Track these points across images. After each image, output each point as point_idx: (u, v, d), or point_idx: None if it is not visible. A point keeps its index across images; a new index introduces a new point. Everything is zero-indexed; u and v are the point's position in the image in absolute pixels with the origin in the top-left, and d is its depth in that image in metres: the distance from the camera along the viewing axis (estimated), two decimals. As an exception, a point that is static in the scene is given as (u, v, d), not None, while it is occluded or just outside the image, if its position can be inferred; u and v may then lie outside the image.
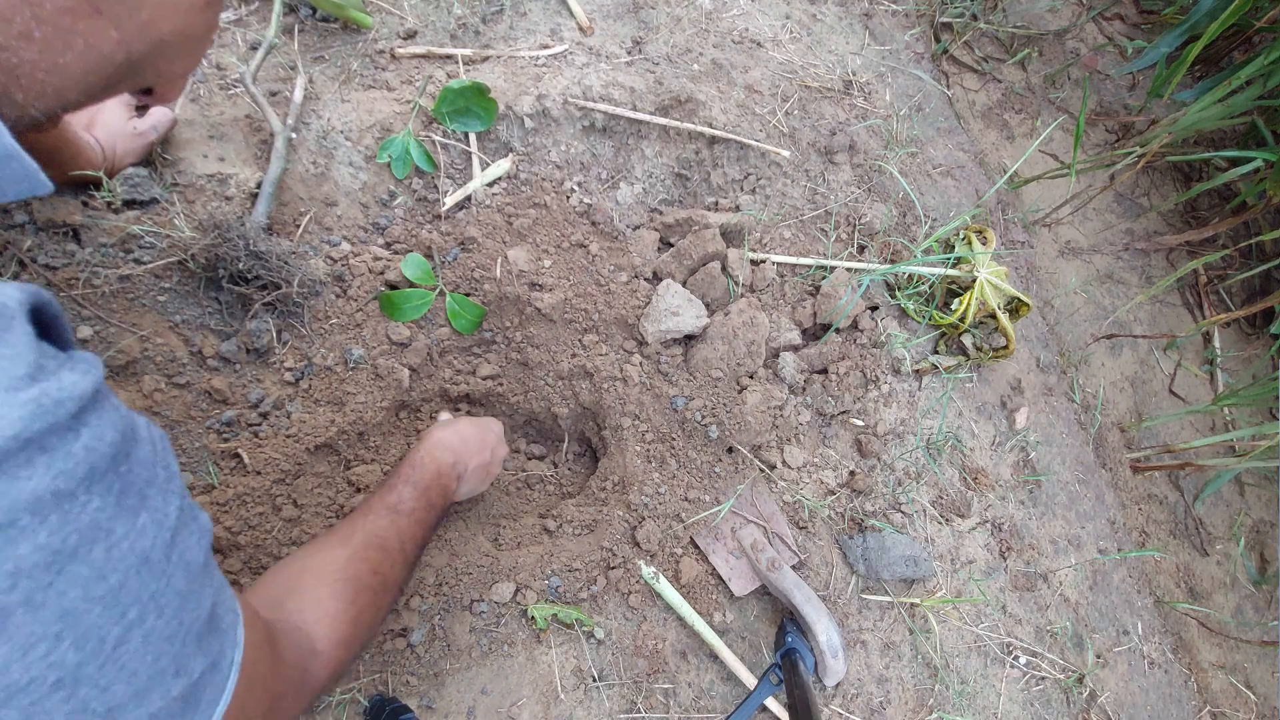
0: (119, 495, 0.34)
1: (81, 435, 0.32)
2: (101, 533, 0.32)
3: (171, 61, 0.46)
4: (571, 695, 0.94)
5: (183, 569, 0.38)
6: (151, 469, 0.37)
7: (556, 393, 1.11)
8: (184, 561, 0.38)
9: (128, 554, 0.34)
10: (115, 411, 0.35)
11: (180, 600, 0.37)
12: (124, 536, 0.34)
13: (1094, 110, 1.86)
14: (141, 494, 0.35)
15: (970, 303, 1.24)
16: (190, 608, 0.38)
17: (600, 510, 1.05)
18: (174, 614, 0.37)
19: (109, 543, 0.33)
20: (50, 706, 0.31)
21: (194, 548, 0.39)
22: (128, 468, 0.35)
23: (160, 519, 0.36)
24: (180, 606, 0.37)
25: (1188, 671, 1.37)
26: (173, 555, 0.37)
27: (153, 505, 0.36)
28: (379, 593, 0.70)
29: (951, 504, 1.22)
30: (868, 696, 1.05)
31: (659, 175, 1.25)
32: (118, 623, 0.33)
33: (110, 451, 0.34)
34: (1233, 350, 1.76)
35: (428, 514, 0.81)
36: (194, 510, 0.41)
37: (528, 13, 1.28)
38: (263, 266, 0.89)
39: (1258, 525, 1.60)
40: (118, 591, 0.33)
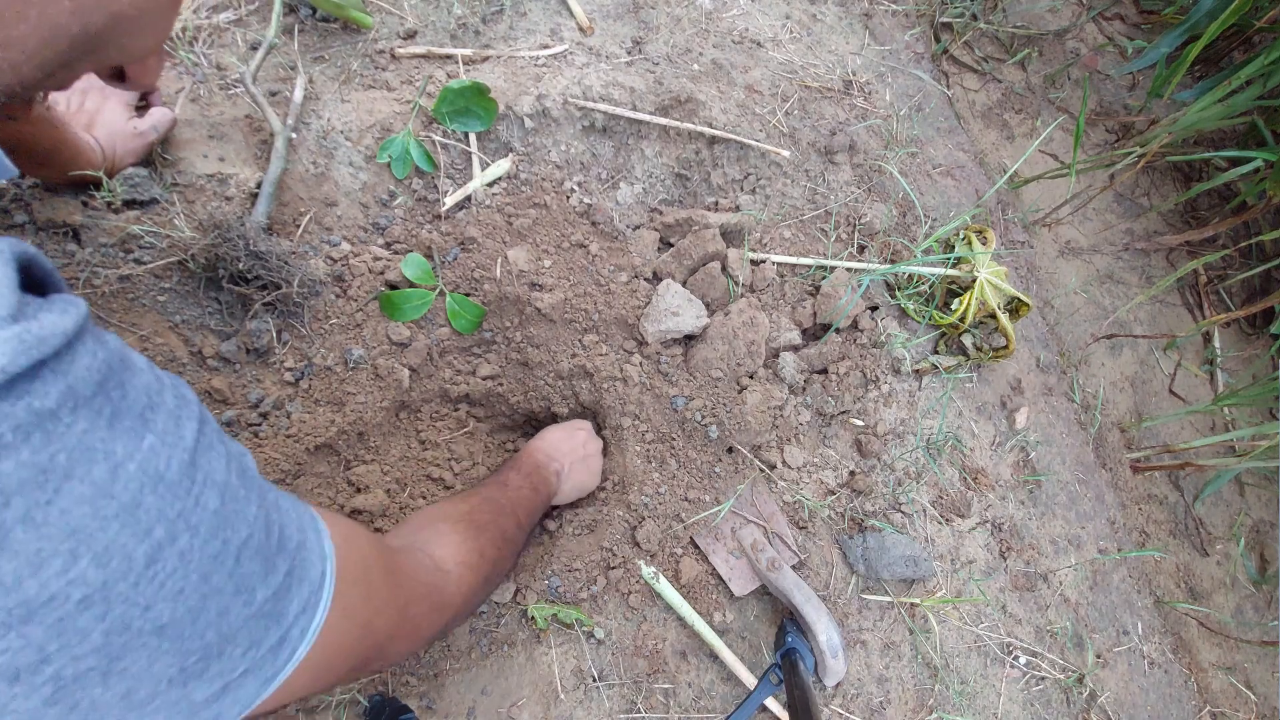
0: (111, 418, 0.33)
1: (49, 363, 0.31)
2: (98, 453, 0.32)
3: (132, 36, 0.44)
4: (571, 695, 0.94)
5: (213, 489, 0.37)
6: (154, 395, 0.36)
7: (556, 393, 1.11)
8: (213, 482, 0.37)
9: (137, 473, 0.33)
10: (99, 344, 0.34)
11: (218, 520, 0.36)
12: (128, 457, 0.33)
13: (1094, 110, 1.86)
14: (143, 418, 0.35)
15: (970, 303, 1.24)
16: (236, 526, 0.37)
17: (600, 510, 1.05)
18: (213, 532, 0.36)
19: (111, 463, 0.32)
20: (83, 624, 0.30)
21: (222, 470, 0.38)
22: (120, 393, 0.34)
23: (173, 441, 0.35)
24: (221, 525, 0.36)
25: (1188, 671, 1.37)
26: (196, 475, 0.36)
27: (159, 428, 0.35)
28: (497, 539, 0.79)
29: (951, 504, 1.22)
30: (868, 696, 1.05)
31: (659, 175, 1.25)
32: (143, 540, 0.32)
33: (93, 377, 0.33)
34: (1233, 350, 1.76)
35: (534, 493, 0.92)
36: (221, 437, 0.40)
37: (528, 13, 1.28)
38: (263, 266, 0.89)
39: (1258, 525, 1.60)
40: (133, 509, 0.32)
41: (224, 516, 0.37)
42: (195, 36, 1.07)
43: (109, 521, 0.31)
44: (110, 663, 0.32)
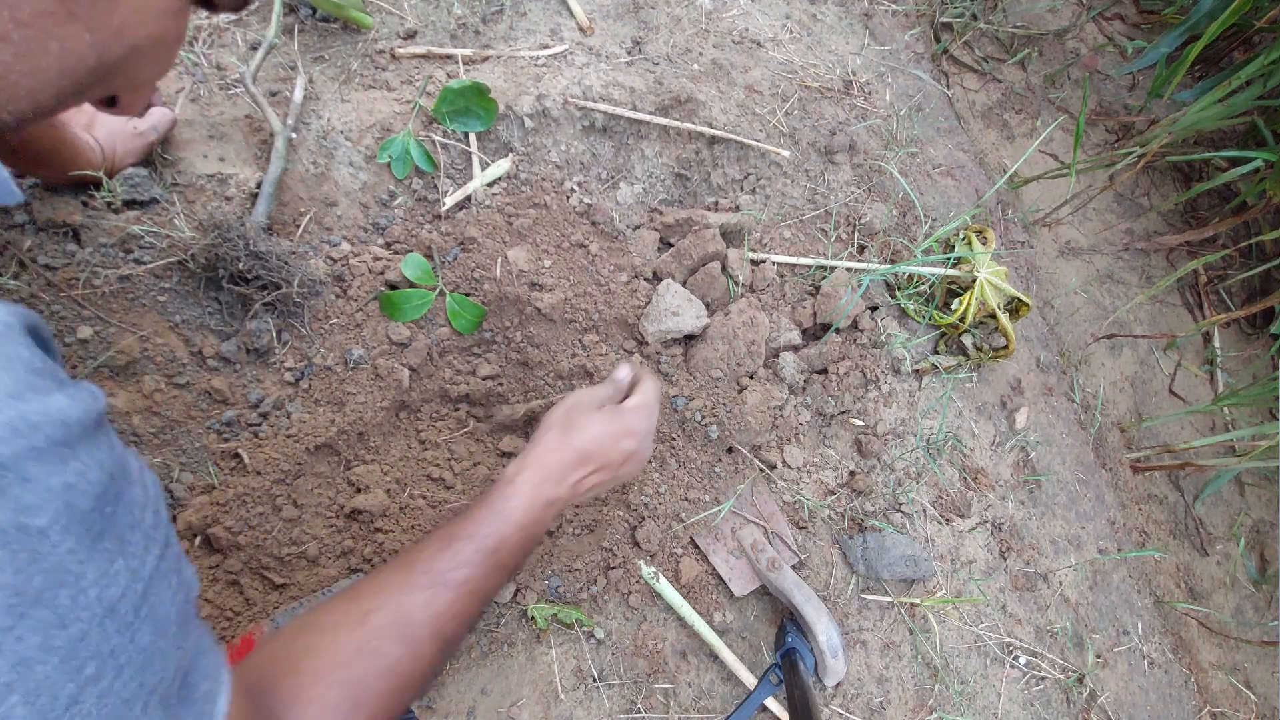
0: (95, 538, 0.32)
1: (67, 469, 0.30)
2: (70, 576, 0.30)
3: (142, 68, 0.45)
4: (571, 695, 0.94)
5: (150, 624, 0.35)
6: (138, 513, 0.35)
7: (557, 393, 1.11)
8: (154, 616, 0.35)
9: (94, 603, 0.31)
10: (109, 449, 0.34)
11: (143, 658, 0.34)
12: (93, 583, 0.31)
13: (1094, 110, 1.86)
14: (121, 538, 0.33)
15: (970, 303, 1.24)
16: (154, 668, 0.35)
17: (600, 510, 1.05)
18: (134, 674, 0.34)
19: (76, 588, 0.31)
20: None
21: (167, 602, 0.37)
22: (113, 509, 0.33)
23: (136, 567, 0.34)
24: (143, 665, 0.34)
25: (1188, 671, 1.37)
26: (143, 609, 0.34)
27: (131, 552, 0.34)
28: (389, 696, 0.56)
29: (951, 504, 1.22)
30: (868, 696, 1.05)
31: (659, 175, 1.25)
32: (73, 679, 0.31)
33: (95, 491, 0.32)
34: (1233, 350, 1.76)
35: (487, 582, 0.64)
36: (178, 562, 0.38)
37: (528, 13, 1.28)
38: (263, 266, 0.89)
39: (1258, 525, 1.60)
40: (78, 643, 0.31)
41: (149, 655, 0.35)
42: (195, 36, 1.07)
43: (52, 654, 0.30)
44: None
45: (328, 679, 0.53)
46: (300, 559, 0.90)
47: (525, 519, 0.67)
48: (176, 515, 0.85)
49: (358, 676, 0.54)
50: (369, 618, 0.57)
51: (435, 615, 0.59)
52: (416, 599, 0.59)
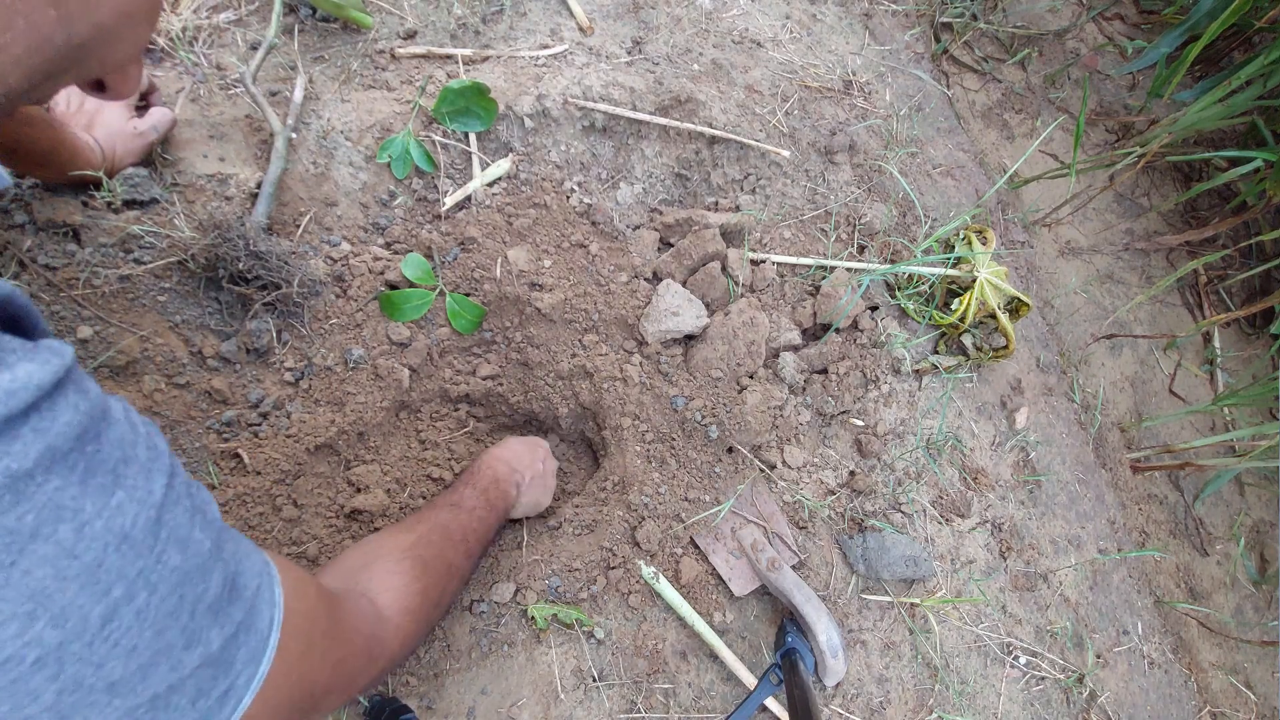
0: (84, 474, 0.33)
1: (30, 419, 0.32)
2: (67, 512, 0.32)
3: (113, 46, 0.44)
4: (571, 695, 0.94)
5: (176, 545, 0.37)
6: (128, 449, 0.36)
7: (556, 393, 1.11)
8: (177, 538, 0.37)
9: (102, 532, 0.33)
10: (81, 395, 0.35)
11: (178, 576, 0.37)
12: (96, 515, 0.33)
13: (1094, 110, 1.86)
14: (115, 473, 0.35)
15: (970, 303, 1.24)
16: (194, 581, 0.38)
17: (600, 510, 1.05)
18: (171, 589, 0.36)
19: (77, 521, 0.32)
20: (36, 684, 0.31)
21: (186, 524, 0.38)
22: (95, 448, 0.34)
23: (141, 497, 0.36)
24: (180, 582, 0.37)
25: (1188, 671, 1.37)
26: (160, 532, 0.36)
27: (130, 484, 0.35)
28: (443, 575, 0.76)
29: (951, 504, 1.22)
30: (868, 696, 1.05)
31: (659, 175, 1.25)
32: (100, 600, 0.33)
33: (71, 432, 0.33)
34: (1233, 350, 1.76)
35: (488, 513, 0.88)
36: (189, 488, 0.41)
37: (528, 13, 1.28)
38: (263, 266, 0.89)
39: (1258, 525, 1.60)
40: (95, 569, 0.33)
41: (184, 572, 0.37)
42: (195, 36, 1.07)
43: (69, 582, 0.32)
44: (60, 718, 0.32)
45: (397, 557, 0.72)
46: (300, 559, 0.90)
47: (494, 475, 0.92)
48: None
49: (419, 555, 0.74)
50: (415, 528, 0.78)
51: (461, 525, 0.83)
52: (445, 515, 0.83)
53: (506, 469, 0.94)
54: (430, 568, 0.74)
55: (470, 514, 0.85)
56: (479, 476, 0.91)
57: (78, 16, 0.40)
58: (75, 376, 0.35)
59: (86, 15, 0.40)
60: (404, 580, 0.70)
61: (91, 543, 0.33)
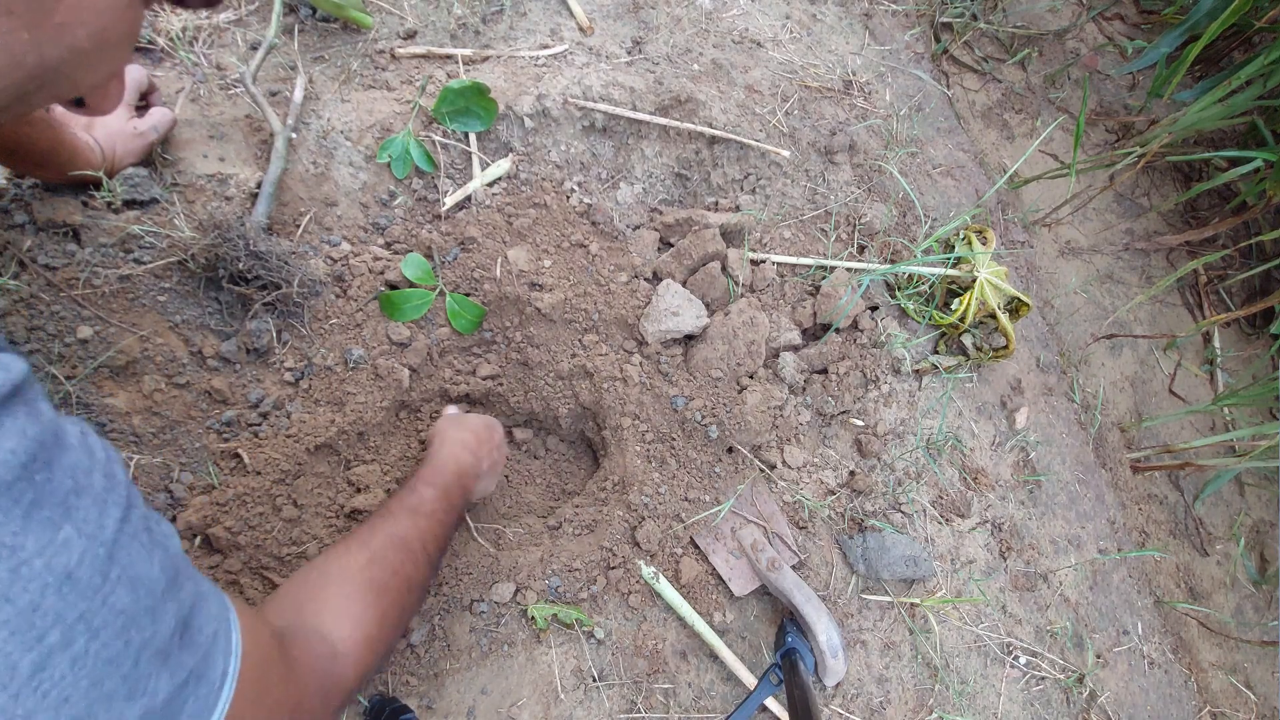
0: (29, 508, 0.31)
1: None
2: (3, 549, 0.30)
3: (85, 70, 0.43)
4: (571, 695, 0.94)
5: (127, 584, 0.35)
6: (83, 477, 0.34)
7: (556, 393, 1.11)
8: (129, 577, 0.35)
9: (42, 572, 0.31)
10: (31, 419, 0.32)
11: (125, 619, 0.34)
12: (36, 553, 0.31)
13: (1094, 110, 1.86)
14: (65, 505, 0.33)
15: (970, 303, 1.24)
16: (142, 625, 0.35)
17: (600, 510, 1.05)
18: (116, 634, 0.34)
19: (15, 561, 0.30)
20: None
21: (142, 560, 0.36)
22: (46, 476, 0.32)
23: (92, 531, 0.34)
24: (126, 625, 0.34)
25: (1188, 671, 1.37)
26: (111, 570, 0.34)
27: (80, 517, 0.33)
28: (402, 593, 0.71)
29: (951, 504, 1.22)
30: (868, 696, 1.05)
31: (659, 175, 1.25)
32: (32, 649, 0.30)
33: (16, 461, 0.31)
34: (1233, 350, 1.76)
35: (448, 515, 0.82)
36: (147, 521, 0.38)
37: (528, 13, 1.28)
38: (263, 266, 0.89)
39: (1258, 525, 1.60)
40: (30, 614, 0.30)
41: (132, 615, 0.35)
42: (195, 36, 1.07)
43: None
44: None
45: (351, 582, 0.66)
46: (300, 559, 0.90)
47: (456, 470, 0.87)
48: (176, 515, 0.85)
49: (374, 576, 0.68)
50: (369, 543, 0.72)
51: (420, 533, 0.76)
52: (403, 524, 0.76)
53: (470, 460, 0.89)
54: (387, 589, 0.68)
55: (430, 518, 0.79)
56: (440, 473, 0.85)
57: (51, 41, 0.39)
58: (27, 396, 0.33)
59: (60, 39, 0.39)
60: (359, 608, 0.65)
61: (28, 584, 0.30)
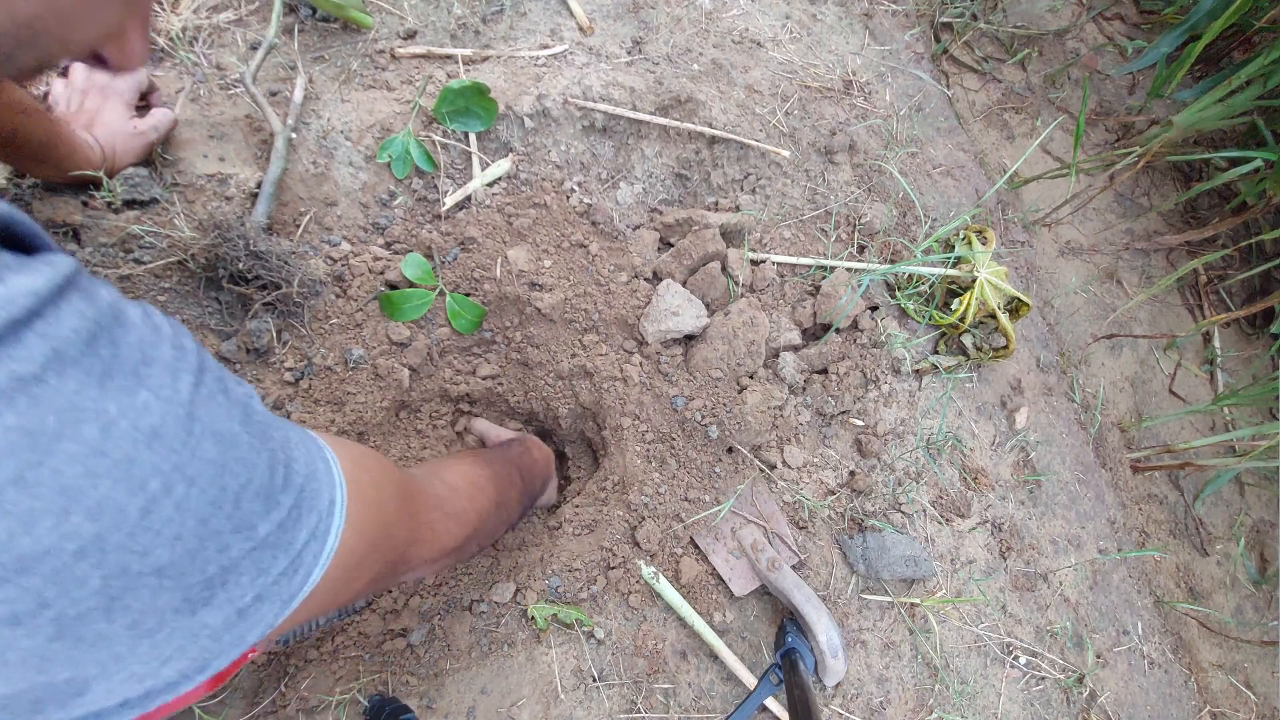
0: (102, 376, 0.34)
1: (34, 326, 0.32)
2: (89, 413, 0.32)
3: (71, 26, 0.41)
4: (571, 695, 0.94)
5: (212, 440, 0.38)
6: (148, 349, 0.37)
7: (556, 393, 1.11)
8: (212, 432, 0.38)
9: (130, 430, 0.34)
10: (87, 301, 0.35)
11: (216, 469, 0.37)
12: (120, 415, 0.34)
13: (1094, 110, 1.86)
14: (136, 374, 0.35)
15: (970, 303, 1.24)
16: (236, 472, 0.39)
17: (600, 510, 1.05)
18: (211, 481, 0.37)
19: (103, 421, 0.33)
20: (79, 572, 0.32)
21: (223, 418, 0.39)
22: (112, 351, 0.35)
23: (168, 395, 0.36)
24: (219, 473, 0.38)
25: (1188, 671, 1.37)
26: (194, 428, 0.37)
27: (154, 383, 0.36)
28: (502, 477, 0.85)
29: (951, 504, 1.22)
30: (868, 696, 1.05)
31: (659, 175, 1.25)
32: (136, 494, 0.34)
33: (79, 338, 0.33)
34: (1233, 350, 1.76)
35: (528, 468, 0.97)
36: (222, 383, 0.41)
37: (528, 13, 1.28)
38: (263, 266, 0.89)
39: (1258, 525, 1.60)
40: (127, 466, 0.33)
41: (222, 464, 0.38)
42: (195, 36, 1.07)
43: (101, 479, 0.32)
44: (111, 601, 0.33)
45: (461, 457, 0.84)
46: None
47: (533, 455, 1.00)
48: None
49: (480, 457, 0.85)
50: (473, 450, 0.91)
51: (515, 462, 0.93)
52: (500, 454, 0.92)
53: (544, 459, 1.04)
54: (490, 465, 0.84)
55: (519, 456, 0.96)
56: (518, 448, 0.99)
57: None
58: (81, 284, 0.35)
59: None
60: (467, 466, 0.79)
61: (120, 440, 0.33)
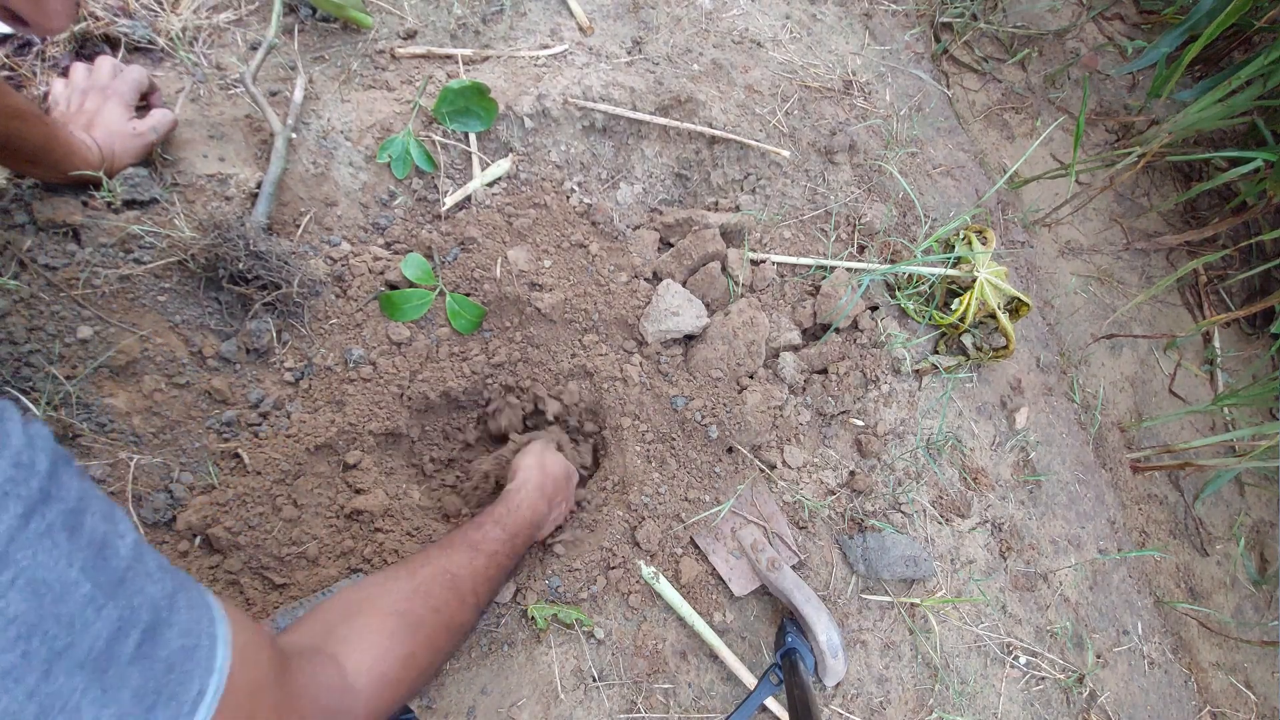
0: None
1: None
2: None
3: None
4: (571, 695, 0.94)
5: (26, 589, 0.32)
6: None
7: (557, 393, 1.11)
8: (29, 580, 0.32)
9: None
10: None
11: (18, 629, 0.31)
12: None
13: (1094, 110, 1.86)
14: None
15: (970, 303, 1.24)
16: (50, 634, 0.32)
17: (600, 510, 1.05)
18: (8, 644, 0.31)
19: None
20: None
21: (56, 563, 0.33)
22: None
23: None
24: (23, 634, 0.31)
25: (1188, 671, 1.37)
26: (2, 574, 0.31)
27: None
28: (438, 633, 0.65)
29: (951, 504, 1.22)
30: (868, 696, 1.05)
31: (659, 175, 1.25)
32: None
33: None
34: (1233, 350, 1.76)
35: (509, 560, 0.81)
36: (75, 517, 0.34)
37: (528, 13, 1.28)
38: (263, 266, 0.89)
39: (1258, 525, 1.60)
40: None
41: (33, 623, 0.32)
42: (195, 36, 1.07)
43: None
44: None
45: (386, 612, 0.62)
46: (300, 559, 0.90)
47: (530, 518, 0.87)
48: (176, 515, 0.85)
49: (413, 610, 0.64)
50: (419, 571, 0.69)
51: (474, 573, 0.74)
52: (459, 559, 0.73)
53: (545, 510, 0.89)
54: (422, 627, 0.64)
55: (490, 559, 0.76)
56: (514, 516, 0.83)
57: None
58: None
59: None
60: (386, 643, 0.60)
61: None
